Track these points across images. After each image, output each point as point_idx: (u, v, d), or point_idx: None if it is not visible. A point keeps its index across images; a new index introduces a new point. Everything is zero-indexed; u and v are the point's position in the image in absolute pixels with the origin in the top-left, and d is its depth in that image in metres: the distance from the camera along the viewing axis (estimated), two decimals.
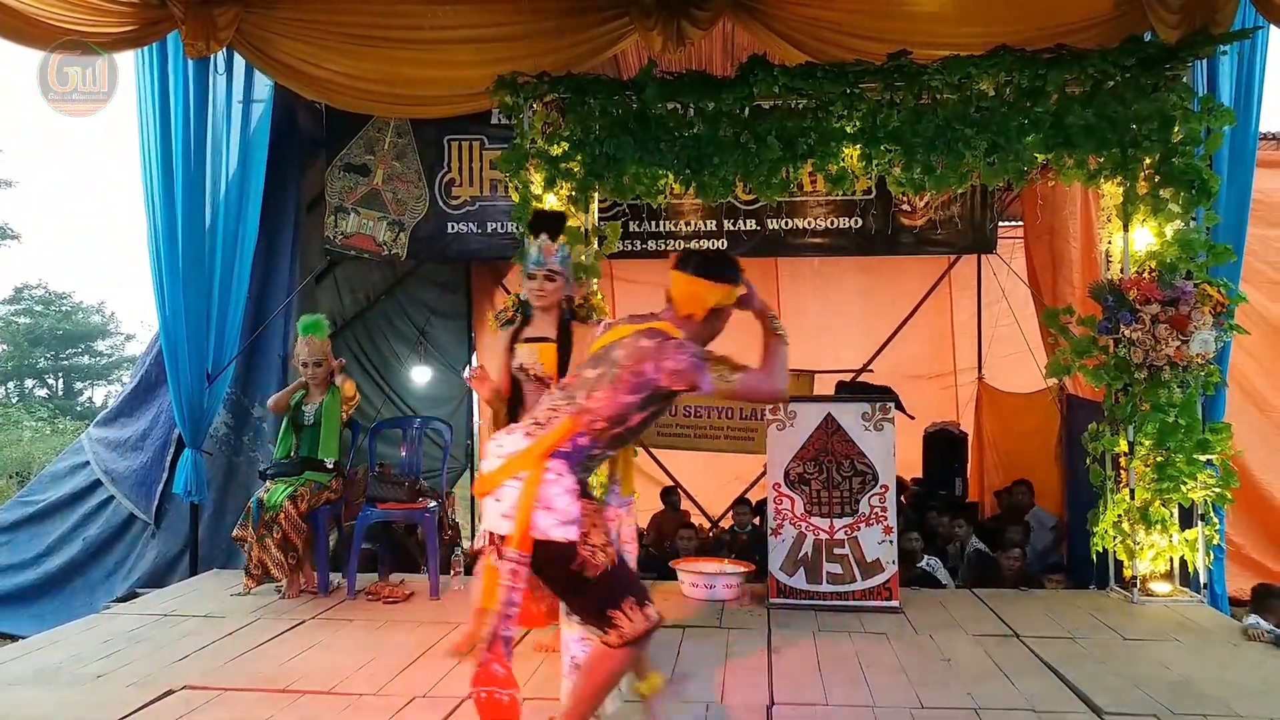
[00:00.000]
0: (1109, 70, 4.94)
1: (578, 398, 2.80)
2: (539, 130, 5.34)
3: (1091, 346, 5.07)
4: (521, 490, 2.66)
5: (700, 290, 2.92)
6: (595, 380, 2.81)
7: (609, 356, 2.85)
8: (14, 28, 4.89)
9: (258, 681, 3.64)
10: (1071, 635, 4.31)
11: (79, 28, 5.08)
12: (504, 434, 2.85)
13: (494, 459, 2.77)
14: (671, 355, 2.76)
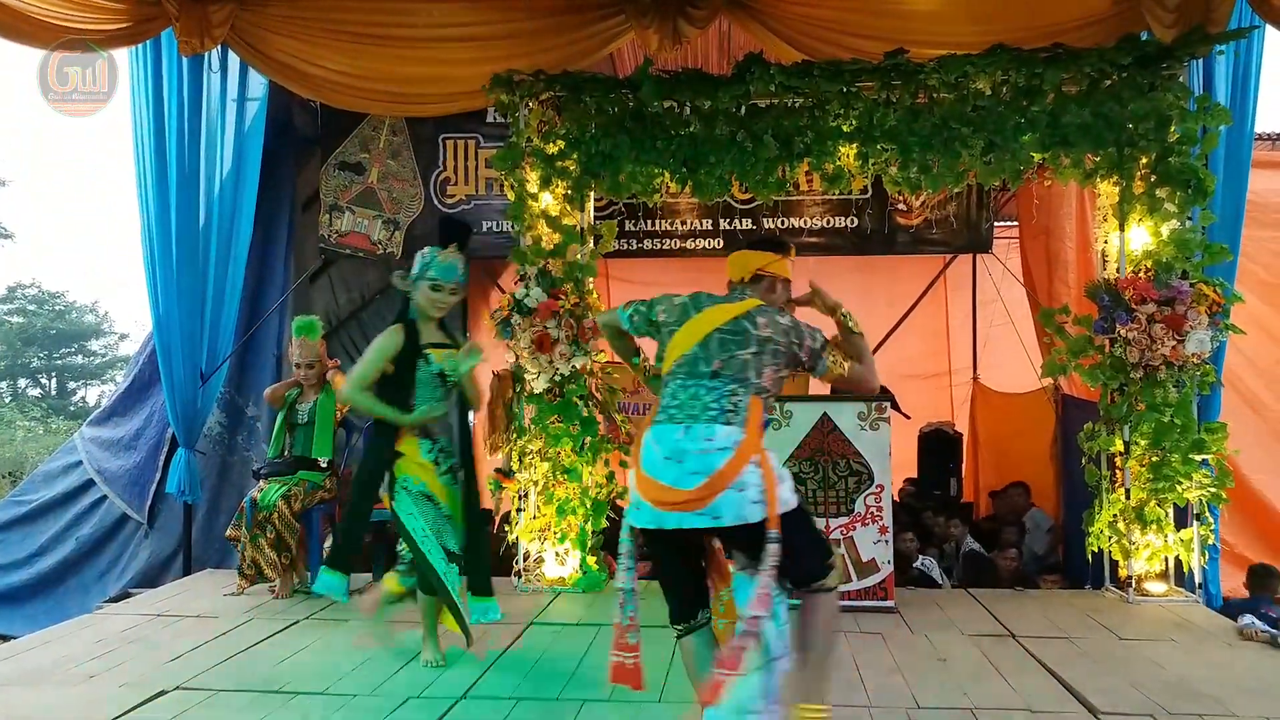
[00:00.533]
0: (1105, 69, 4.94)
1: (751, 378, 2.87)
2: (534, 128, 5.33)
3: (1088, 346, 5.07)
4: (762, 472, 2.72)
5: (748, 257, 3.16)
6: (757, 359, 2.90)
7: (749, 335, 2.91)
8: (8, 24, 4.87)
9: (251, 682, 3.62)
10: (1067, 635, 4.30)
11: (72, 25, 5.06)
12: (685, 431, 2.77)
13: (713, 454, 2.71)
14: (808, 335, 3.00)
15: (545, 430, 5.21)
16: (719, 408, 2.82)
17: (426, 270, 3.76)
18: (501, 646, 4.11)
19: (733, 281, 3.17)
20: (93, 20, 5.16)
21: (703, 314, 2.97)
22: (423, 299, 3.78)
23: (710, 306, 2.99)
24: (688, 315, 2.98)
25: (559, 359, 5.13)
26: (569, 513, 5.19)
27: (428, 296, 3.77)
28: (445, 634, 3.86)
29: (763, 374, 2.90)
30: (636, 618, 2.99)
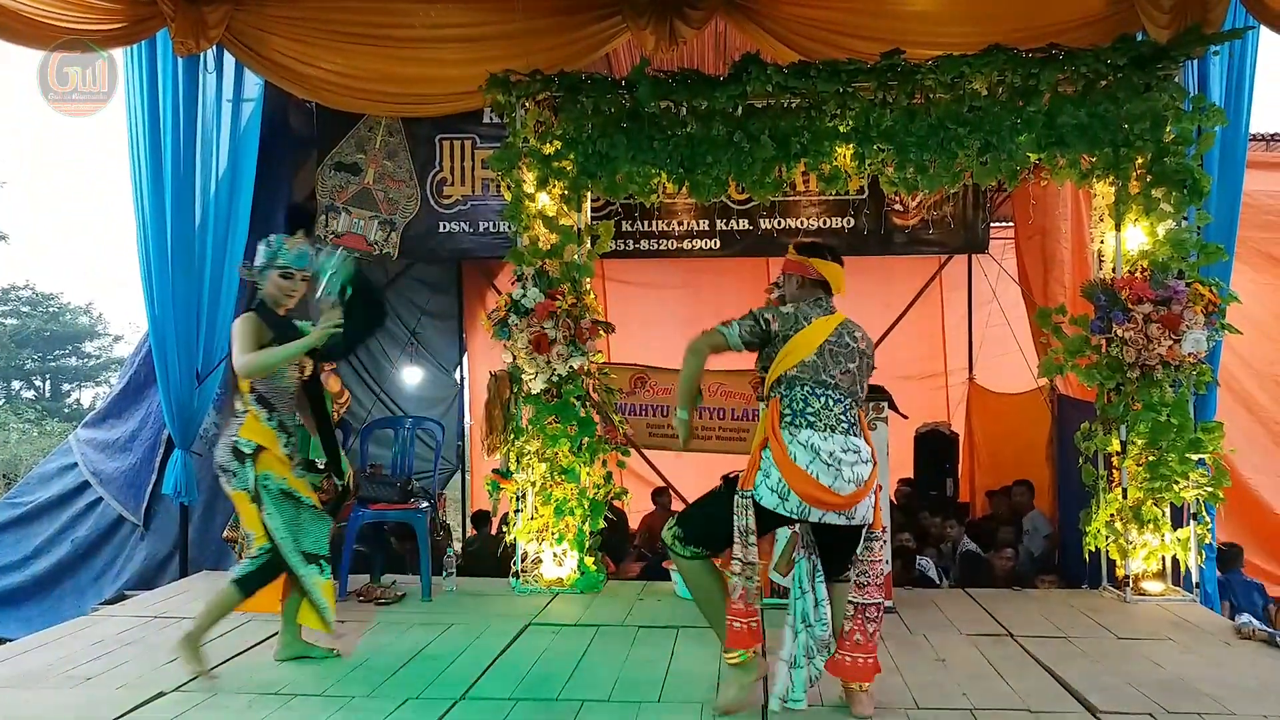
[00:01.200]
0: (1101, 70, 4.95)
1: (858, 391, 3.33)
2: (531, 129, 5.33)
3: (1084, 346, 5.08)
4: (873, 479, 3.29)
5: (839, 271, 3.51)
6: (860, 372, 3.34)
7: (851, 349, 3.33)
8: (3, 25, 4.86)
9: (249, 684, 3.61)
10: (1065, 635, 4.31)
11: (68, 25, 5.05)
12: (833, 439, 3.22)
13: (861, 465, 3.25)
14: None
15: (543, 431, 5.20)
16: (848, 420, 3.28)
17: (275, 258, 3.72)
18: (500, 647, 4.11)
19: (832, 293, 3.48)
20: (88, 20, 5.16)
21: (812, 325, 3.31)
22: (273, 288, 3.73)
23: (817, 317, 3.34)
24: (800, 324, 3.31)
25: (556, 359, 5.12)
26: (567, 513, 5.19)
27: (279, 285, 3.72)
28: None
29: (864, 386, 3.38)
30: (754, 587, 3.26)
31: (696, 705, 3.39)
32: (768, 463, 3.21)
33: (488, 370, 7.28)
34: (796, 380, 3.25)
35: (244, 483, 3.66)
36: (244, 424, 3.69)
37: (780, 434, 3.21)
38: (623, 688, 3.58)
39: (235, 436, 3.68)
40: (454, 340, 10.52)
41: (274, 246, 3.74)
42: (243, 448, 3.66)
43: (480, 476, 8.93)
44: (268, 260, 3.73)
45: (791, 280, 3.57)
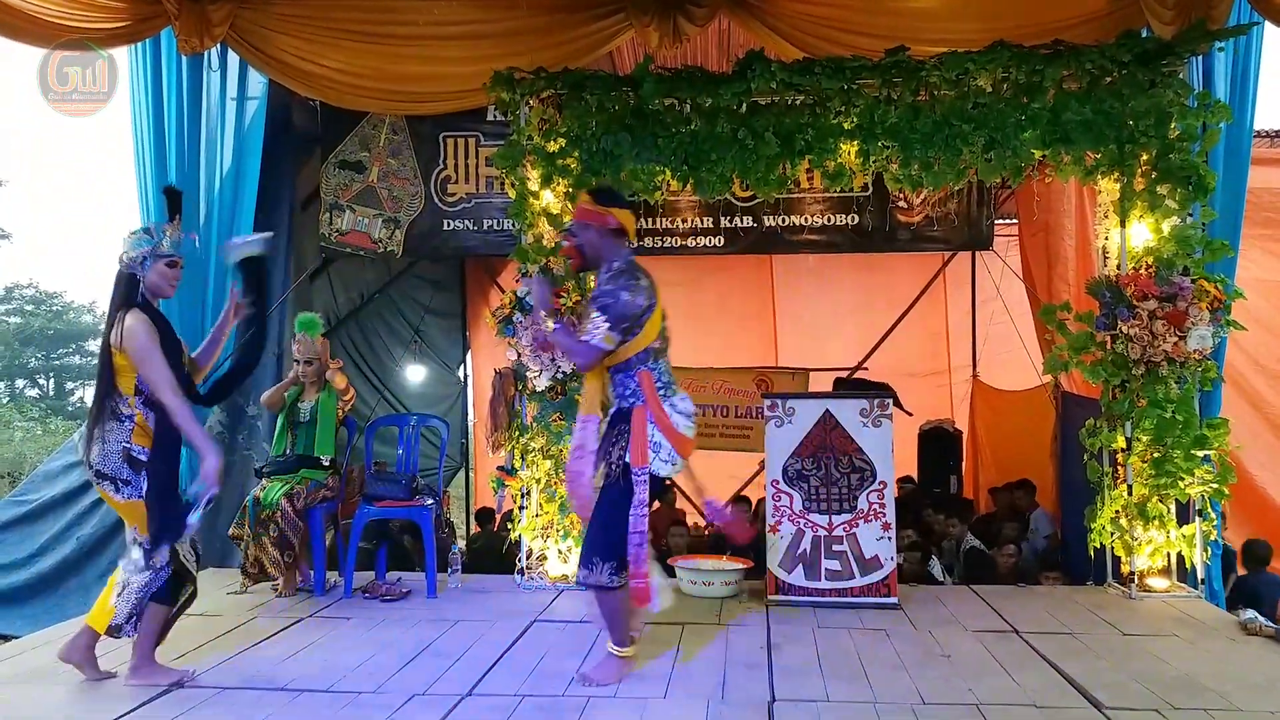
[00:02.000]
0: (1106, 66, 4.94)
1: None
2: (535, 126, 5.32)
3: (1089, 343, 5.08)
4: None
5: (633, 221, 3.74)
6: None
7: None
8: (7, 23, 4.86)
9: (255, 680, 3.62)
10: (1071, 631, 4.31)
11: (72, 23, 5.06)
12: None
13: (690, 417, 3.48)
14: None
15: (547, 428, 5.20)
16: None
17: (158, 245, 3.54)
18: (506, 644, 4.11)
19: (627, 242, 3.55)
20: (92, 19, 5.16)
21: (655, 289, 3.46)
22: (157, 277, 3.54)
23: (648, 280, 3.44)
24: (655, 293, 3.45)
25: (561, 357, 5.12)
26: (572, 510, 5.19)
27: (163, 274, 3.55)
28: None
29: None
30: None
31: (702, 700, 3.39)
32: (657, 436, 3.39)
33: (492, 368, 7.30)
34: (660, 351, 3.43)
35: (138, 490, 3.45)
36: (134, 430, 3.45)
37: (663, 406, 3.38)
38: (629, 683, 3.59)
39: (127, 443, 3.44)
40: (458, 338, 10.54)
41: (155, 235, 3.55)
42: (138, 455, 3.45)
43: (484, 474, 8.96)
44: (151, 249, 3.53)
45: (589, 230, 3.53)
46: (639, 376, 3.42)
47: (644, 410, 3.41)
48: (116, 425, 3.45)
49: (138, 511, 3.47)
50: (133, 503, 3.46)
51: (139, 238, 3.54)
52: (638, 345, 3.41)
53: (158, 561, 3.49)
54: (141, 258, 3.52)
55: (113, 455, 3.43)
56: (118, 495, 3.46)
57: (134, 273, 3.50)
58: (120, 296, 3.50)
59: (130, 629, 3.51)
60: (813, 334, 10.17)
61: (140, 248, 3.52)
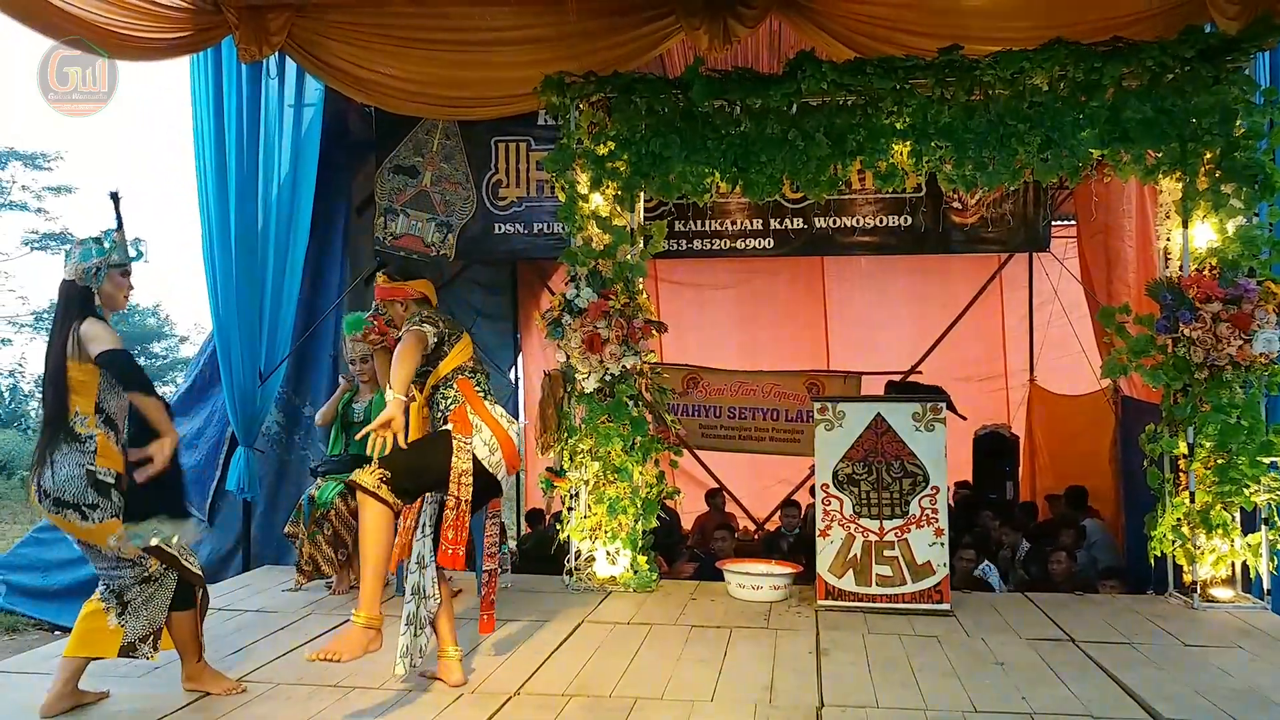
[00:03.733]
0: (1167, 63, 4.82)
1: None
2: (585, 130, 5.35)
3: (1149, 346, 4.96)
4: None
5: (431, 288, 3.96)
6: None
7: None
8: (73, 34, 4.99)
9: (308, 676, 3.67)
10: (1130, 641, 4.21)
11: (138, 34, 5.19)
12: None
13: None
14: None
15: (596, 430, 5.22)
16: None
17: (109, 255, 3.35)
18: (554, 644, 4.13)
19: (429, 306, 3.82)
20: (156, 29, 5.29)
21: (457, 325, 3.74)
22: (111, 287, 3.36)
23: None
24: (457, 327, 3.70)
25: (609, 359, 5.14)
26: (620, 512, 5.20)
27: (117, 283, 3.39)
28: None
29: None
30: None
31: (750, 705, 3.37)
32: (478, 420, 3.54)
33: (542, 370, 7.34)
34: (474, 369, 3.67)
35: (108, 512, 3.22)
36: (97, 451, 3.22)
37: (483, 403, 3.59)
38: (676, 686, 3.58)
39: (91, 466, 3.20)
40: (508, 340, 10.61)
41: (105, 243, 3.36)
42: (104, 478, 3.22)
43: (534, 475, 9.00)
44: (100, 257, 3.33)
45: (395, 305, 3.85)
46: (458, 383, 3.61)
47: (463, 408, 3.56)
48: (75, 447, 3.20)
49: (110, 530, 3.24)
50: (108, 523, 3.23)
51: (88, 248, 3.33)
52: (451, 363, 3.61)
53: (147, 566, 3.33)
54: (94, 268, 3.31)
55: (75, 480, 3.17)
56: (85, 523, 3.20)
57: (88, 285, 3.30)
58: (74, 310, 3.27)
59: (150, 648, 3.35)
60: (865, 337, 10.07)
61: (91, 258, 3.31)
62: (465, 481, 3.45)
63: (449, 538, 3.43)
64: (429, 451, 3.48)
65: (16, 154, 24.56)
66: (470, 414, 3.54)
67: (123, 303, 3.45)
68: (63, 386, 3.22)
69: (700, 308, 10.12)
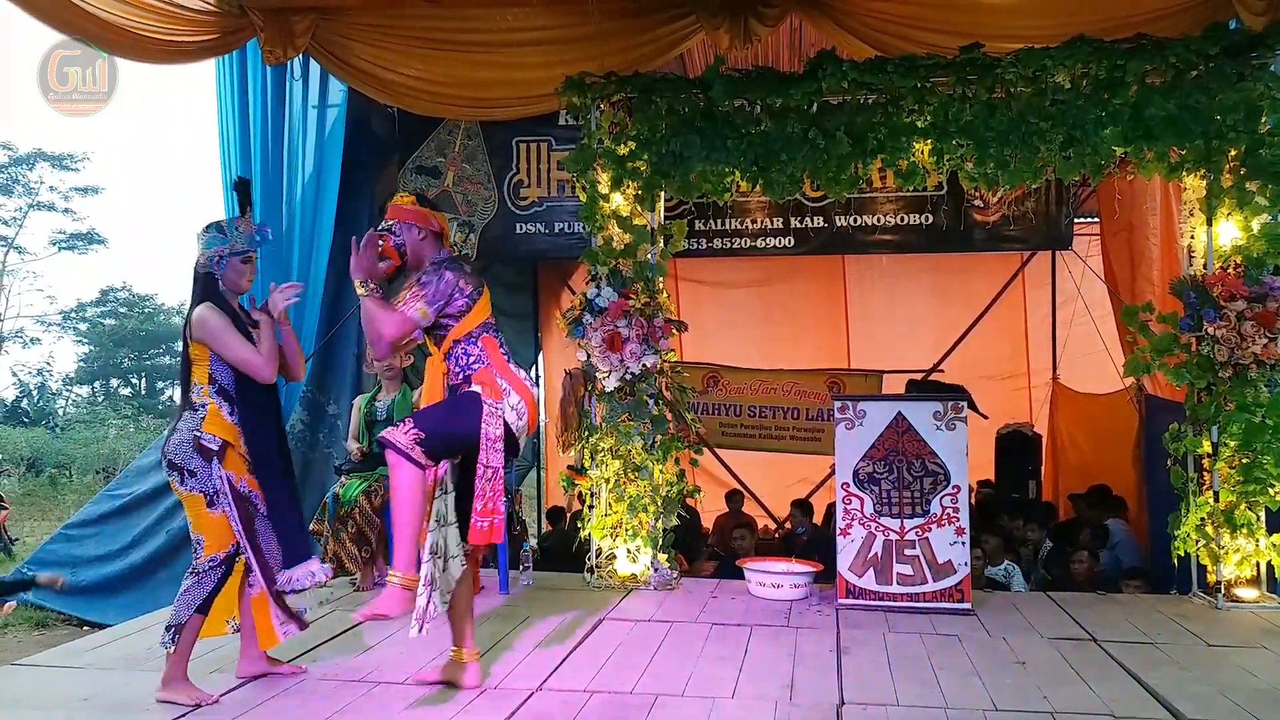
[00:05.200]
0: (1192, 59, 4.79)
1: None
2: (606, 130, 5.37)
3: (1173, 344, 4.93)
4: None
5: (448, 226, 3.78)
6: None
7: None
8: (106, 39, 5.07)
9: (333, 671, 3.73)
10: (1152, 641, 4.19)
11: (166, 37, 5.27)
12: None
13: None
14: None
15: (616, 428, 5.25)
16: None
17: (233, 243, 3.49)
18: (575, 641, 4.16)
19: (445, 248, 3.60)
20: (184, 33, 5.37)
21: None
22: (234, 274, 3.50)
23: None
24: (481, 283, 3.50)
25: (630, 358, 5.16)
26: (640, 510, 5.23)
27: (239, 270, 3.51)
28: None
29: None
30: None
31: (770, 702, 3.39)
32: (505, 384, 3.38)
33: (562, 369, 7.37)
34: (496, 327, 3.52)
35: (203, 483, 3.39)
36: (205, 418, 3.40)
37: (508, 365, 3.45)
38: (696, 683, 3.60)
39: (198, 430, 3.39)
40: (530, 339, 10.66)
41: (228, 230, 3.51)
42: (208, 443, 3.38)
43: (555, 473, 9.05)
44: (226, 246, 3.49)
45: (412, 229, 3.53)
46: (482, 341, 3.43)
47: (489, 370, 3.39)
48: (190, 415, 3.43)
49: (195, 506, 3.42)
50: (193, 496, 3.40)
51: (212, 236, 3.50)
52: (475, 319, 3.43)
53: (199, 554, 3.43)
54: (217, 256, 3.48)
55: (184, 444, 3.39)
56: (182, 486, 3.40)
57: (211, 271, 3.48)
58: (197, 293, 3.49)
59: (169, 640, 3.39)
60: (886, 336, 10.04)
61: (214, 246, 3.49)
62: (498, 448, 3.32)
63: (481, 509, 3.31)
64: (462, 415, 3.33)
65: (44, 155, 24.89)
66: (497, 377, 3.39)
67: (246, 286, 3.57)
68: (186, 361, 3.50)
69: (720, 306, 10.13)
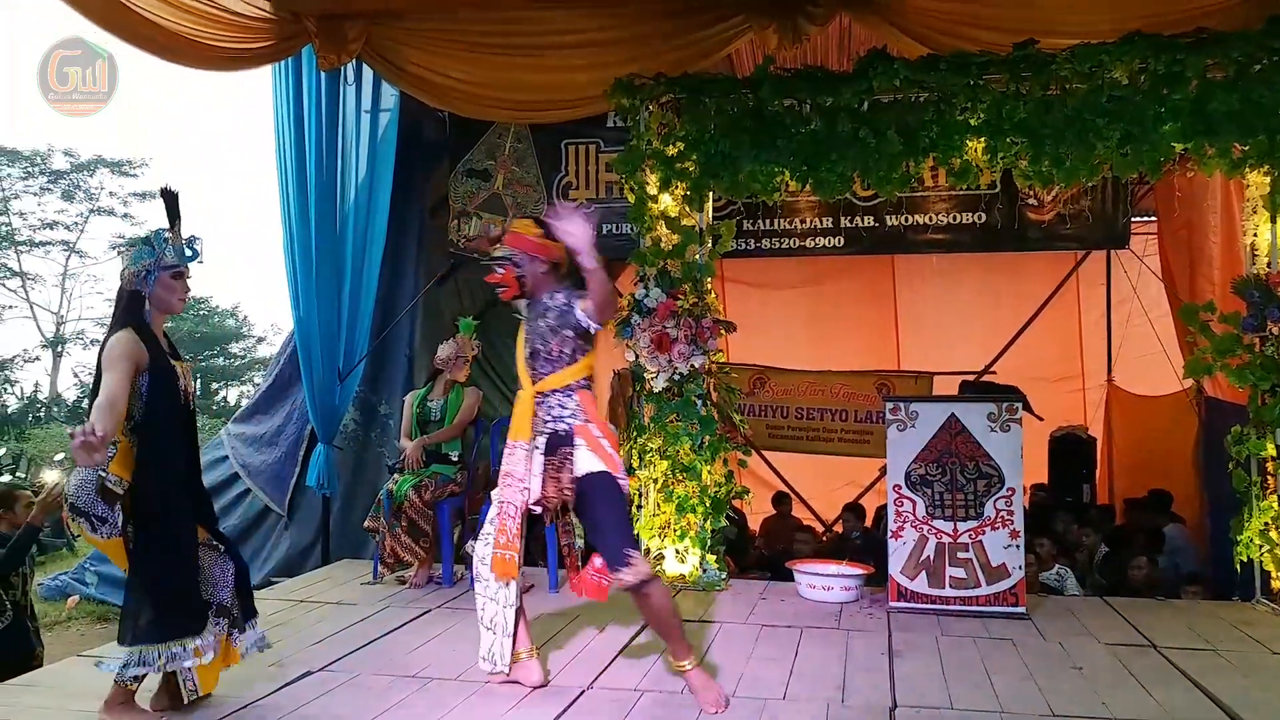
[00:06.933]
0: (1254, 53, 4.69)
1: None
2: (655, 131, 5.38)
3: (1235, 345, 4.82)
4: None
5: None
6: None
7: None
8: (164, 45, 5.19)
9: (387, 668, 3.78)
10: (1214, 647, 4.09)
11: (223, 44, 5.38)
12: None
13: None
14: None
15: (664, 429, 5.25)
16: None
17: (160, 257, 3.17)
18: (625, 640, 4.17)
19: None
20: (242, 40, 5.48)
21: None
22: (163, 291, 3.17)
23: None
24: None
25: (678, 358, 5.17)
26: (688, 510, 5.22)
27: (170, 287, 3.18)
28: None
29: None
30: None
31: (822, 704, 3.37)
32: (608, 448, 3.33)
33: (611, 369, 7.39)
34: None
35: (116, 528, 3.03)
36: (115, 456, 3.00)
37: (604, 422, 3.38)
38: (746, 684, 3.60)
39: (103, 472, 2.98)
40: None
41: (156, 245, 3.18)
42: (113, 486, 3.01)
43: None
44: (153, 260, 3.16)
45: (535, 262, 3.40)
46: (579, 396, 3.37)
47: (587, 426, 3.32)
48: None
49: (119, 552, 3.08)
50: (114, 542, 3.06)
51: (139, 250, 3.17)
52: (587, 366, 3.39)
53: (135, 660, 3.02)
54: (144, 271, 3.14)
55: (86, 486, 2.98)
56: (95, 534, 3.03)
57: (138, 289, 3.15)
58: (120, 315, 3.14)
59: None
60: (937, 337, 9.91)
61: (141, 260, 3.15)
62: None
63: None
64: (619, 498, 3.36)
65: (104, 161, 25.51)
66: (601, 439, 3.31)
67: (178, 306, 3.24)
68: (96, 390, 3.00)
69: (768, 307, 10.07)
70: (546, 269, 3.42)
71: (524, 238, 3.42)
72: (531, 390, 3.39)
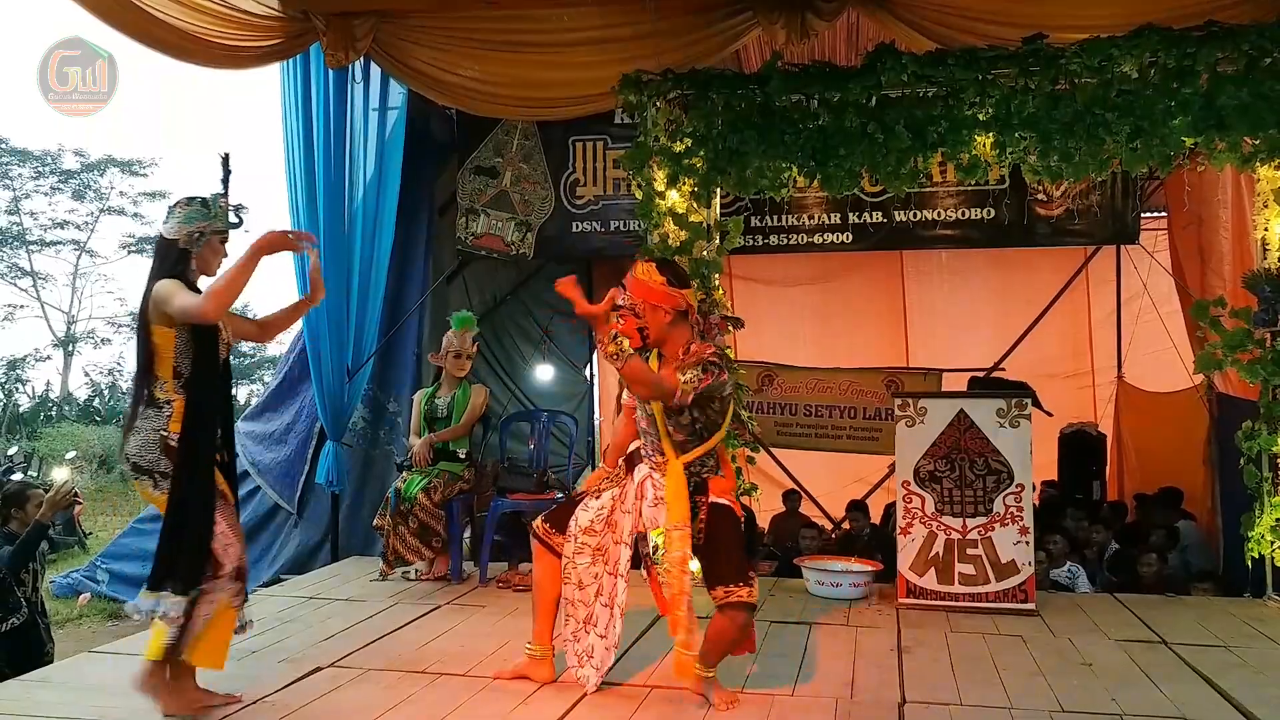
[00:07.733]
0: (1266, 46, 4.64)
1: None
2: (662, 127, 5.36)
3: (1246, 340, 4.79)
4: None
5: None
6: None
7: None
8: (174, 44, 5.21)
9: (398, 662, 3.78)
10: (1225, 644, 4.07)
11: (233, 42, 5.40)
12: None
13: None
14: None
15: None
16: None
17: (214, 220, 3.24)
18: (633, 636, 4.17)
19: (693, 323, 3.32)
20: (251, 38, 5.50)
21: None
22: (209, 253, 3.23)
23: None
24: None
25: None
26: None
27: (215, 249, 3.25)
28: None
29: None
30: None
31: (831, 699, 3.36)
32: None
33: None
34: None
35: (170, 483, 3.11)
36: (172, 415, 3.10)
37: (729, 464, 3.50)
38: (755, 681, 3.59)
39: (164, 430, 3.09)
40: (584, 338, 10.72)
41: (210, 204, 3.25)
42: (174, 443, 3.09)
43: None
44: (206, 222, 3.21)
45: (659, 311, 3.15)
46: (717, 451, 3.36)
47: (720, 480, 3.35)
48: (154, 412, 3.11)
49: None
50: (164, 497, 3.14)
51: (195, 210, 3.22)
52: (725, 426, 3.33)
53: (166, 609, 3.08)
54: (198, 232, 3.19)
55: (150, 445, 3.09)
56: (156, 490, 3.13)
57: (186, 249, 3.19)
58: (165, 269, 3.16)
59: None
60: (946, 333, 9.90)
61: (194, 222, 3.19)
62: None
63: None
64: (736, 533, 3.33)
65: (114, 161, 25.61)
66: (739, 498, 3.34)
67: (216, 269, 3.25)
68: (146, 350, 3.14)
69: (776, 304, 10.07)
70: (672, 320, 3.17)
71: (645, 285, 3.16)
72: (676, 460, 3.24)
